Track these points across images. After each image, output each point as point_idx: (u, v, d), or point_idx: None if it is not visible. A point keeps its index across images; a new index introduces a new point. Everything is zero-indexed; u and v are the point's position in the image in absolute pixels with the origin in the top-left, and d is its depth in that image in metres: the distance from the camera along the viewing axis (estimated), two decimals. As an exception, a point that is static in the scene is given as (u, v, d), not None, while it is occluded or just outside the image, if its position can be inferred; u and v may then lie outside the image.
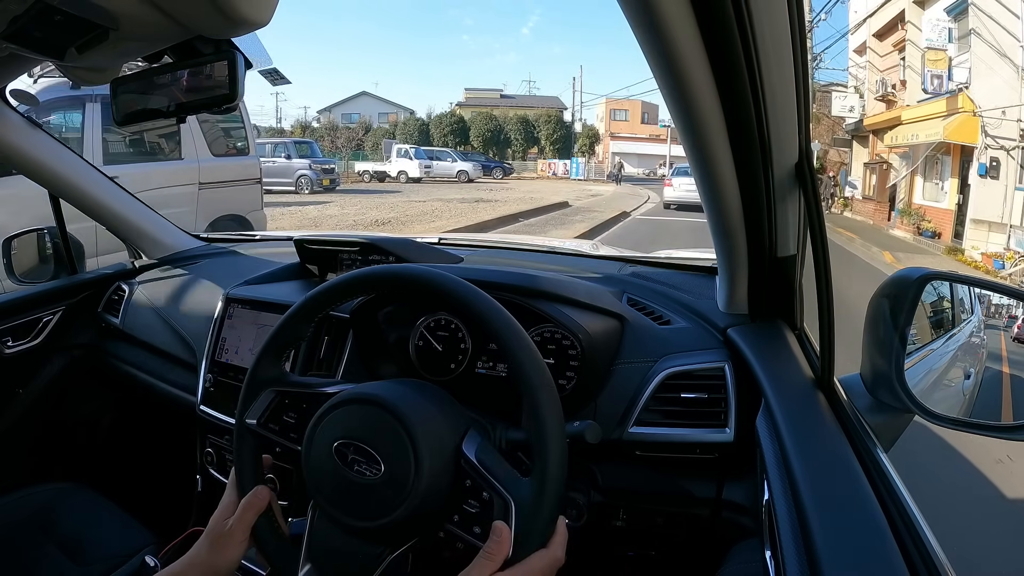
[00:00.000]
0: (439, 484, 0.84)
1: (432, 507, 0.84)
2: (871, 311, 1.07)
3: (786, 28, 0.79)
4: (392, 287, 1.01)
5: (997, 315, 1.21)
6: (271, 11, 0.80)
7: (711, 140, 0.92)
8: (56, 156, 1.88)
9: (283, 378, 0.98)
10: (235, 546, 0.92)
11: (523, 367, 0.84)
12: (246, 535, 0.93)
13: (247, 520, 0.93)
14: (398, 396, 0.90)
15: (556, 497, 0.82)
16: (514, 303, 1.28)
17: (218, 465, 1.65)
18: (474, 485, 0.85)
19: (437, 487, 0.84)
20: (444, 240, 2.09)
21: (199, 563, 0.92)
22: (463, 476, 0.86)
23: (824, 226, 0.99)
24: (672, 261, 1.77)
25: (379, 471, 0.83)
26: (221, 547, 0.92)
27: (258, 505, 0.94)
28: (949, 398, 1.22)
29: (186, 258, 2.25)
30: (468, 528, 0.84)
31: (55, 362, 2.12)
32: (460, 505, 0.85)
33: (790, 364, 1.15)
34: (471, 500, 0.85)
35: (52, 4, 0.78)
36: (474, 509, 0.84)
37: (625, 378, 1.30)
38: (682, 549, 1.39)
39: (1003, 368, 1.20)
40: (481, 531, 0.82)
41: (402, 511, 0.82)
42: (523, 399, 0.85)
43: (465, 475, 0.86)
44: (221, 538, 0.92)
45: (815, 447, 0.93)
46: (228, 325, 1.69)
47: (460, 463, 0.86)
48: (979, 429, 1.04)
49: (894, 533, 0.74)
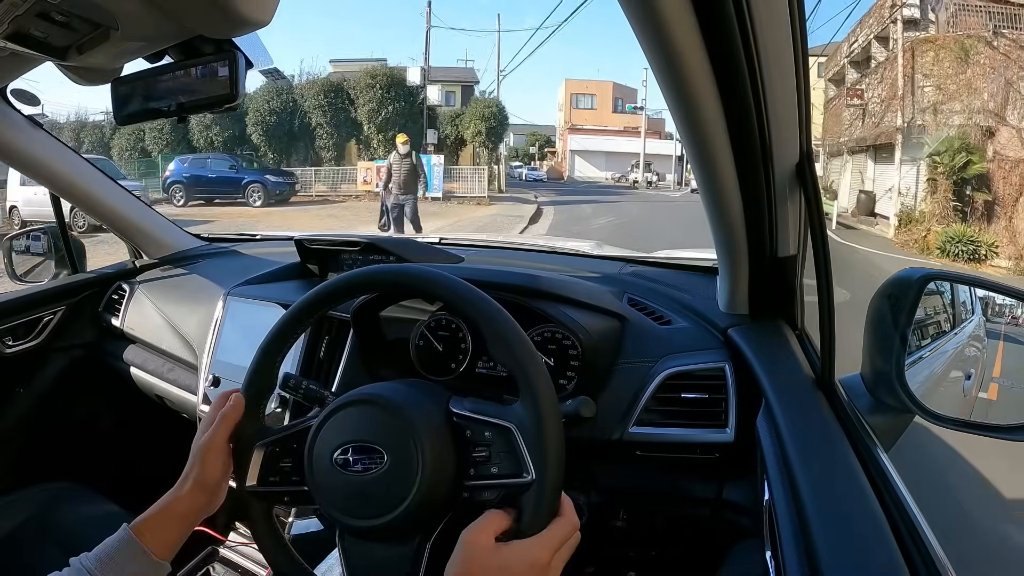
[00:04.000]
0: (442, 449, 0.84)
1: (446, 474, 0.84)
2: (872, 311, 1.07)
3: (787, 28, 0.79)
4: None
5: (998, 315, 1.21)
6: (272, 11, 0.81)
7: (712, 140, 0.92)
8: (57, 156, 1.88)
9: (265, 432, 0.97)
10: (218, 456, 0.93)
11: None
12: (226, 442, 0.94)
13: (227, 428, 0.94)
14: (381, 389, 0.91)
15: (554, 414, 0.83)
16: (514, 303, 1.28)
17: None
18: (474, 434, 0.85)
19: (442, 452, 0.84)
20: (445, 240, 2.10)
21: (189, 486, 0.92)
22: (461, 432, 0.86)
23: (825, 226, 0.99)
24: (673, 261, 1.77)
25: (382, 461, 0.83)
26: (204, 461, 0.93)
27: (235, 415, 0.94)
28: (950, 398, 1.22)
29: (187, 258, 2.25)
30: (487, 474, 0.83)
31: (56, 362, 2.12)
32: (470, 458, 0.85)
33: (790, 364, 1.15)
34: (477, 448, 0.84)
35: (53, 4, 0.79)
36: (483, 454, 0.84)
37: (626, 378, 1.30)
38: (682, 549, 1.40)
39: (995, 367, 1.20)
40: (499, 470, 0.82)
41: (417, 491, 0.81)
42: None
43: (462, 430, 0.86)
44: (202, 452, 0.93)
45: (816, 447, 0.93)
46: (229, 325, 1.69)
47: (454, 422, 0.87)
48: (980, 429, 1.04)
49: (895, 533, 0.74)
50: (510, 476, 0.82)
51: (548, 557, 0.77)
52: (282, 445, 0.94)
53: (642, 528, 1.40)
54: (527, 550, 0.76)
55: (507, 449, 0.83)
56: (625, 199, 27.56)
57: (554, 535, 0.79)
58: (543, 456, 0.80)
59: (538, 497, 0.79)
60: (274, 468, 0.93)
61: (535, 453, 0.81)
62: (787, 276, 1.20)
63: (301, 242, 1.86)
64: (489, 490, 0.83)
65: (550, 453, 0.80)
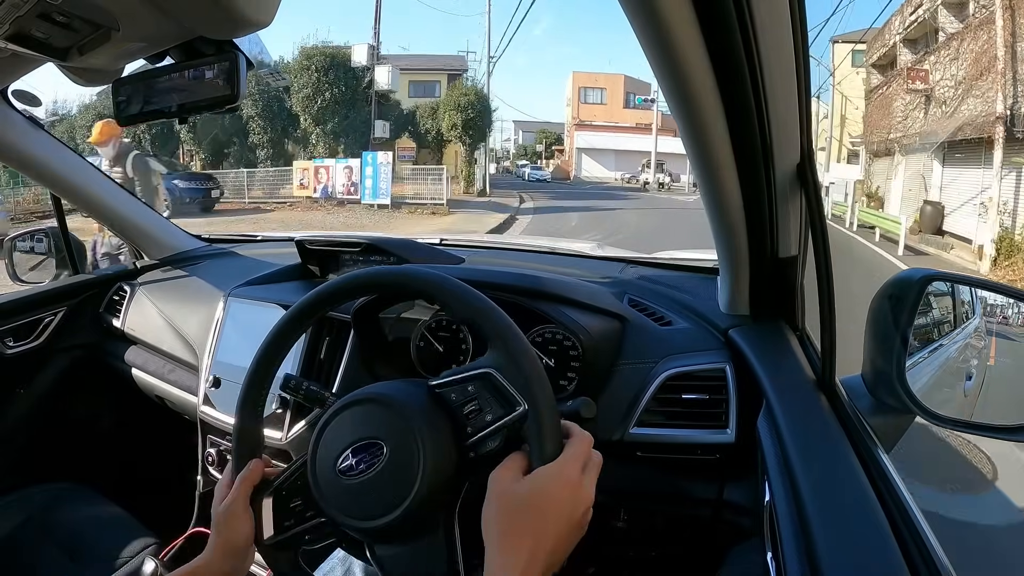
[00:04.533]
0: (434, 421, 0.84)
1: (445, 443, 0.84)
2: (872, 312, 1.07)
3: (788, 30, 0.79)
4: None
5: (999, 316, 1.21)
6: (273, 12, 0.81)
7: (713, 140, 0.92)
8: (58, 156, 1.88)
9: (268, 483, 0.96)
10: (240, 521, 0.91)
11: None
12: (247, 505, 0.92)
13: (245, 491, 0.92)
14: (365, 390, 0.91)
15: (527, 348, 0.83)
16: (515, 304, 1.28)
17: (219, 466, 1.65)
18: (457, 394, 0.86)
19: (434, 424, 0.84)
20: (446, 241, 2.10)
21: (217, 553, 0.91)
22: (446, 399, 0.86)
23: (826, 227, 0.99)
24: (673, 262, 1.77)
25: (382, 452, 0.83)
26: (227, 527, 0.91)
27: (253, 478, 0.93)
28: (951, 399, 1.22)
29: (187, 259, 2.26)
30: (482, 424, 0.84)
31: (56, 363, 2.12)
32: (462, 417, 0.85)
33: (791, 365, 1.15)
34: (465, 407, 0.85)
35: (54, 5, 0.79)
36: (472, 407, 0.84)
37: (626, 379, 1.30)
38: (683, 549, 1.40)
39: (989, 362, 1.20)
40: (492, 416, 0.83)
41: (424, 469, 0.81)
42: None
43: (446, 396, 0.86)
44: (224, 517, 0.92)
45: (816, 448, 0.93)
46: (229, 326, 1.69)
47: (436, 393, 0.87)
48: (981, 430, 1.04)
49: (895, 534, 0.74)
50: (504, 416, 0.82)
51: (576, 472, 0.79)
52: (288, 487, 0.93)
53: (643, 528, 1.40)
54: (554, 471, 0.77)
55: (492, 392, 0.84)
56: (629, 204, 24.24)
57: (572, 451, 0.80)
58: (527, 383, 0.81)
59: (538, 421, 0.80)
60: (286, 511, 0.93)
61: (519, 383, 0.82)
62: (788, 277, 1.20)
63: (302, 243, 1.86)
64: (491, 438, 0.83)
65: (532, 379, 0.81)
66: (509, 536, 0.74)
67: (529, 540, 0.74)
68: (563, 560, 0.77)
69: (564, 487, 0.77)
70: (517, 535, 0.74)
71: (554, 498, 0.76)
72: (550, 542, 0.75)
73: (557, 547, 0.75)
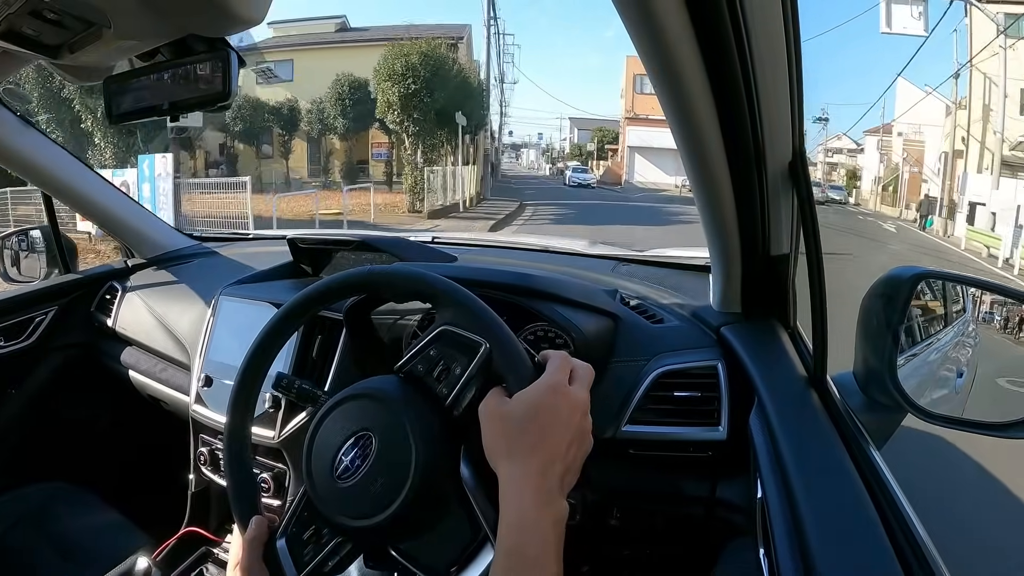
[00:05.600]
0: (410, 397, 0.84)
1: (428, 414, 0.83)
2: (864, 309, 1.07)
3: (780, 26, 0.80)
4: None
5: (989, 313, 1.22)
6: (265, 9, 0.81)
7: (705, 139, 0.92)
8: (49, 155, 1.87)
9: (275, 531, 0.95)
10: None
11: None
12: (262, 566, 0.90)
13: (257, 551, 0.90)
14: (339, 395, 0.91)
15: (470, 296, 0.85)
16: (507, 302, 1.28)
17: (211, 465, 1.64)
18: (422, 363, 0.86)
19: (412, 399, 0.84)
20: (438, 239, 2.10)
21: None
22: (413, 373, 0.87)
23: (817, 225, 0.99)
24: (665, 260, 1.77)
25: (372, 442, 0.83)
26: None
27: (261, 536, 0.91)
28: (942, 396, 1.22)
29: (179, 257, 2.25)
30: (455, 378, 0.83)
31: (48, 362, 2.12)
32: (434, 383, 0.85)
33: (783, 362, 1.15)
34: (434, 370, 0.85)
35: (46, 2, 0.78)
36: (440, 368, 0.85)
37: (618, 377, 1.30)
38: (676, 547, 1.40)
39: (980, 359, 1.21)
40: (460, 368, 0.83)
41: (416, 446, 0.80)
42: None
43: (413, 369, 0.87)
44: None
45: (808, 445, 0.93)
46: (221, 325, 1.68)
47: (404, 372, 0.87)
48: (971, 427, 1.05)
49: (887, 530, 0.75)
50: (471, 362, 0.82)
51: (561, 380, 0.79)
52: (296, 522, 0.92)
53: (636, 527, 1.40)
54: (539, 383, 0.78)
55: (452, 346, 0.84)
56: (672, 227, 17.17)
57: (552, 364, 0.80)
58: (478, 323, 0.82)
59: (504, 350, 0.81)
60: (302, 543, 0.90)
61: (474, 326, 0.82)
62: (780, 275, 1.21)
63: (294, 241, 1.86)
64: (467, 389, 0.83)
65: (483, 318, 0.82)
66: (515, 453, 0.74)
67: (537, 452, 0.74)
68: (577, 470, 0.78)
69: (552, 395, 0.77)
70: (524, 450, 0.74)
71: (546, 407, 0.76)
72: (559, 450, 0.75)
73: (565, 456, 0.75)
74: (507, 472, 0.74)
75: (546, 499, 0.72)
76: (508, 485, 0.73)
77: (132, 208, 2.21)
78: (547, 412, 0.76)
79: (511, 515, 0.72)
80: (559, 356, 0.82)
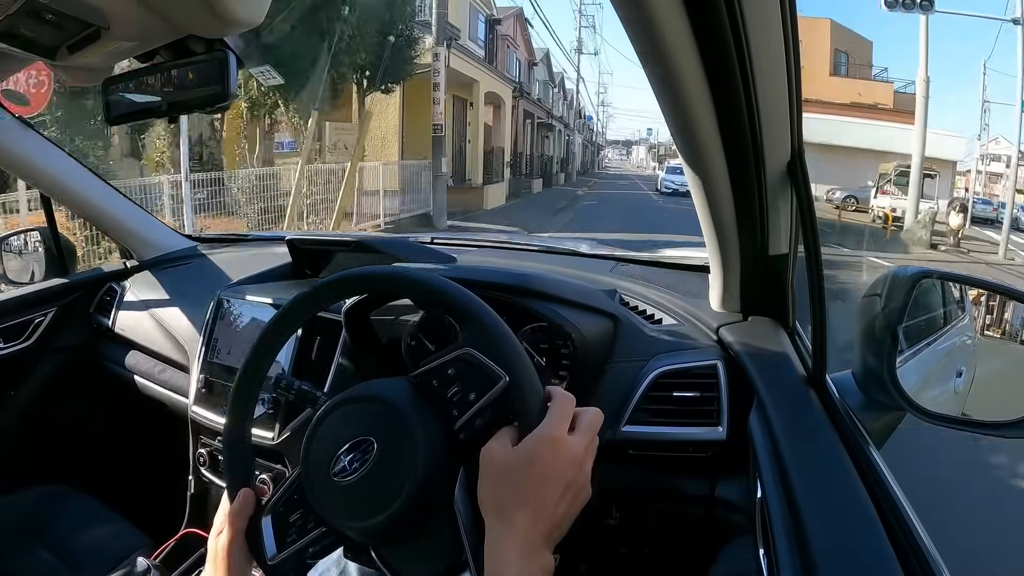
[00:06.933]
0: (419, 409, 0.84)
1: (433, 430, 0.83)
2: (863, 309, 1.07)
3: (778, 25, 0.80)
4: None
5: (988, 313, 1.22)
6: (264, 10, 0.80)
7: (704, 139, 0.92)
8: (48, 157, 1.87)
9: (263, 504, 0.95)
10: (236, 558, 0.90)
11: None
12: (243, 543, 0.90)
13: (239, 527, 0.91)
14: (350, 391, 0.91)
15: (499, 322, 0.83)
16: (506, 302, 1.28)
17: (211, 467, 1.64)
18: (438, 379, 0.86)
19: (420, 412, 0.84)
20: (437, 240, 2.10)
21: None
22: (427, 386, 0.86)
23: (816, 225, 0.99)
24: (664, 260, 1.77)
25: (372, 448, 0.83)
26: (224, 563, 0.90)
27: (246, 510, 0.91)
28: (941, 396, 1.23)
29: (178, 258, 2.25)
30: (467, 403, 0.83)
31: (47, 364, 2.11)
32: (446, 402, 0.84)
33: (782, 362, 1.15)
34: (448, 390, 0.85)
35: (44, 3, 0.78)
36: (455, 390, 0.84)
37: (617, 377, 1.30)
38: (675, 547, 1.40)
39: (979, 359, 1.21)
40: (475, 394, 0.83)
41: (415, 459, 0.80)
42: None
43: (427, 383, 0.86)
44: (225, 554, 0.90)
45: (808, 445, 0.93)
46: (220, 326, 1.68)
47: (417, 383, 0.87)
48: (970, 427, 1.05)
49: (886, 530, 0.75)
50: (487, 391, 0.82)
51: (562, 431, 0.79)
52: (285, 503, 0.93)
53: (635, 526, 1.40)
54: (538, 436, 0.77)
55: (471, 371, 0.83)
56: None
57: (555, 411, 0.80)
58: (504, 356, 0.81)
59: (521, 390, 0.80)
60: (287, 526, 0.91)
61: (496, 357, 0.82)
62: (778, 274, 1.21)
63: (292, 242, 1.86)
64: (478, 417, 0.83)
65: (509, 351, 0.81)
66: (505, 507, 0.74)
67: (525, 507, 0.74)
68: (566, 525, 0.77)
69: (551, 449, 0.77)
70: (512, 504, 0.74)
71: (543, 461, 0.76)
72: (547, 507, 0.74)
73: (554, 512, 0.75)
74: (494, 525, 0.75)
75: (530, 555, 0.72)
76: (494, 538, 0.74)
77: (131, 209, 2.21)
78: (541, 466, 0.76)
79: (494, 568, 0.73)
80: (562, 401, 0.82)
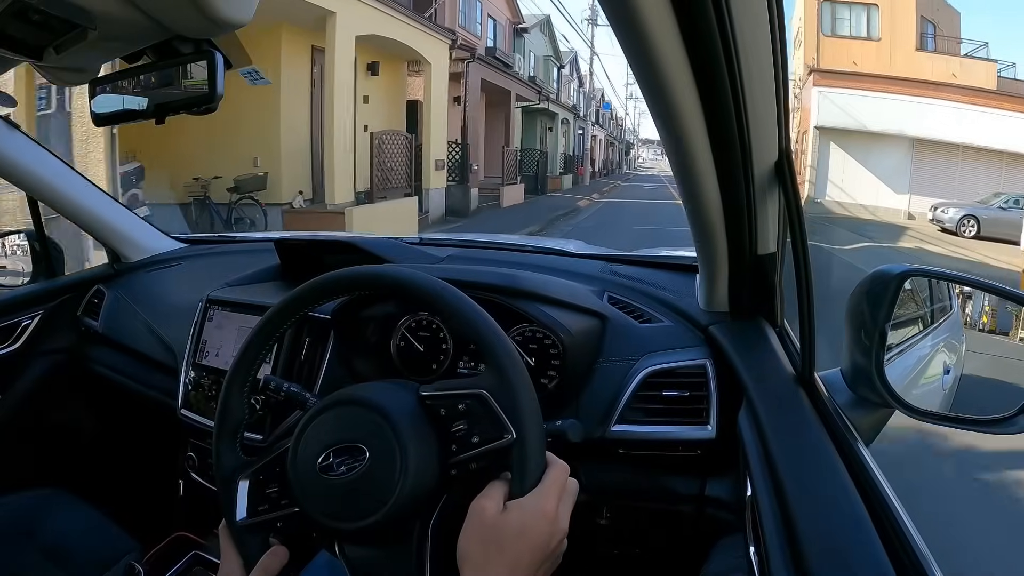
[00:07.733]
0: (421, 433, 0.84)
1: (429, 457, 0.84)
2: (851, 307, 1.08)
3: (765, 24, 0.80)
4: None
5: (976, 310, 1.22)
6: (251, 11, 0.80)
7: (691, 138, 0.92)
8: (34, 158, 1.86)
9: (247, 464, 0.95)
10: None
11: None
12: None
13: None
14: (355, 389, 0.91)
15: (522, 373, 0.83)
16: (495, 303, 1.28)
17: (200, 469, 1.64)
18: (448, 410, 0.86)
19: (421, 437, 0.84)
20: (426, 240, 2.10)
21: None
22: (435, 412, 0.86)
23: (804, 223, 0.99)
24: (653, 259, 1.78)
25: (364, 458, 0.83)
26: None
27: (277, 566, 0.88)
28: (928, 393, 1.23)
29: (166, 260, 2.23)
30: (469, 444, 0.84)
31: (35, 367, 2.10)
32: (449, 435, 0.85)
33: (771, 361, 1.16)
34: (454, 424, 0.85)
35: (30, 3, 0.78)
36: (461, 427, 0.84)
37: (607, 377, 1.30)
38: (666, 546, 1.40)
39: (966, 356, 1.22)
40: (479, 438, 0.83)
41: (403, 481, 0.81)
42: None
43: (436, 409, 0.86)
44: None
45: (797, 443, 0.94)
46: (209, 328, 1.67)
47: (427, 404, 0.87)
48: (958, 423, 1.05)
49: (876, 526, 0.75)
50: (491, 441, 0.82)
51: (552, 504, 0.79)
52: (265, 472, 0.92)
53: (626, 526, 1.41)
54: (531, 504, 0.78)
55: (483, 416, 0.83)
56: None
57: (549, 481, 0.80)
58: (519, 412, 0.81)
59: (524, 453, 0.80)
60: (261, 496, 0.92)
61: (510, 411, 0.82)
62: (767, 273, 1.21)
63: (281, 243, 1.85)
64: (475, 461, 0.83)
65: (525, 409, 0.81)
66: (486, 568, 0.75)
67: (505, 571, 0.74)
68: None
69: (540, 520, 0.77)
70: (494, 567, 0.75)
71: (530, 531, 0.77)
72: (528, 572, 0.75)
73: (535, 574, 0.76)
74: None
75: None
76: None
77: (118, 211, 2.19)
78: (530, 537, 0.77)
79: None
80: (558, 472, 0.83)
